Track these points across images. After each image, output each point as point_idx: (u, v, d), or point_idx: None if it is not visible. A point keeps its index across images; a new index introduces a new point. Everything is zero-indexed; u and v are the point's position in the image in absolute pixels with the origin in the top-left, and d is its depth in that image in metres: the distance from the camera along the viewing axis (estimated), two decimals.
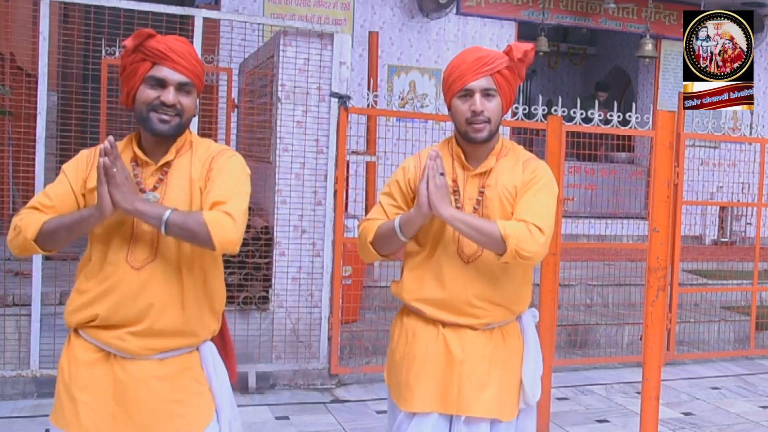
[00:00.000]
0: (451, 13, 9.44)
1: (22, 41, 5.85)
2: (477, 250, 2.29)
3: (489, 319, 2.34)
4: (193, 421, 2.16)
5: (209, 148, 2.20)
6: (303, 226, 4.94)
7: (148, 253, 2.08)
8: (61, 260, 5.02)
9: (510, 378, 2.38)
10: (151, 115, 2.07)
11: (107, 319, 2.08)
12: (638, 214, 8.16)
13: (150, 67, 2.07)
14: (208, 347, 2.23)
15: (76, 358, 2.14)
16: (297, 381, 5.04)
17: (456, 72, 2.28)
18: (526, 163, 2.35)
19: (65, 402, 2.13)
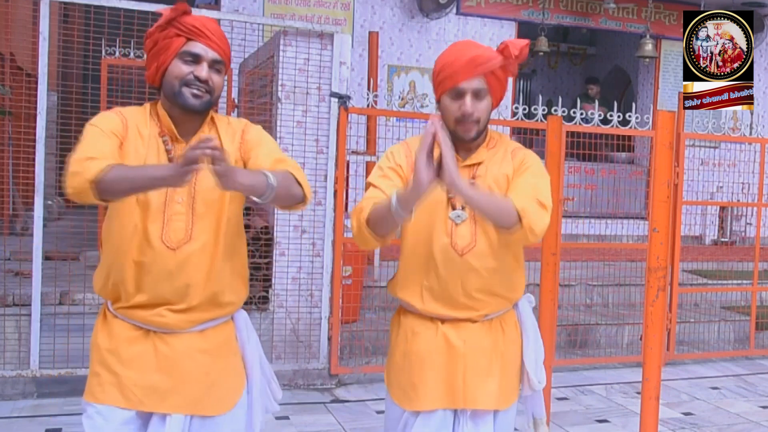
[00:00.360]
0: (451, 13, 9.44)
1: (22, 41, 5.85)
2: (470, 242, 2.28)
3: (487, 310, 2.34)
4: (230, 393, 2.22)
5: (230, 123, 2.24)
6: (303, 226, 4.94)
7: (183, 234, 2.10)
8: (61, 260, 5.03)
9: (510, 368, 2.39)
10: (184, 90, 2.08)
11: (144, 300, 2.10)
12: (638, 214, 8.16)
13: (184, 43, 2.09)
14: (242, 316, 2.31)
15: (115, 334, 2.15)
16: (297, 381, 5.04)
17: (448, 70, 2.23)
18: (514, 152, 2.35)
19: (106, 377, 2.12)
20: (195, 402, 2.15)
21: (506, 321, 2.40)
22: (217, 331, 2.21)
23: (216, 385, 2.19)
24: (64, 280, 4.76)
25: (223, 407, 2.19)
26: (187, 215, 2.10)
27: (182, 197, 2.10)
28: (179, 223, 2.10)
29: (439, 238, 2.28)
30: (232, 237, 2.19)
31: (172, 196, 2.10)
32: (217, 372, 2.19)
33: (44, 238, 4.51)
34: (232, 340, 2.27)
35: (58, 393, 4.55)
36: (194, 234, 2.11)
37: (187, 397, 2.14)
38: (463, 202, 2.27)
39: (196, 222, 2.11)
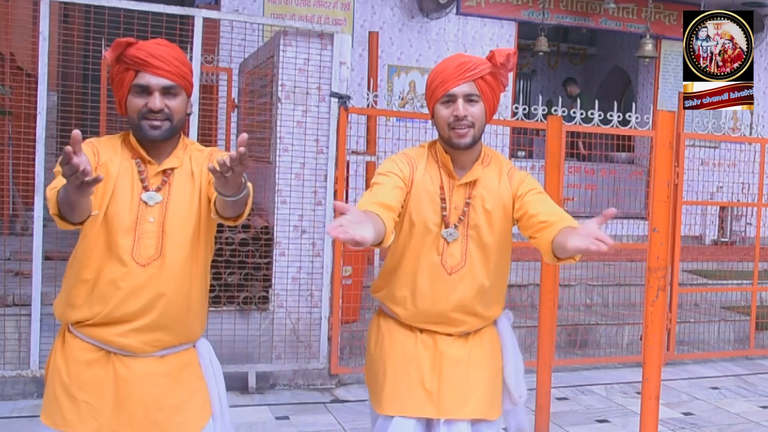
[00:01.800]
0: (451, 13, 9.44)
1: (22, 41, 5.85)
2: (460, 262, 2.28)
3: (466, 328, 2.35)
4: (194, 417, 2.19)
5: (200, 147, 2.27)
6: (303, 226, 4.94)
7: (153, 251, 2.11)
8: (61, 260, 5.02)
9: (490, 378, 2.37)
10: (143, 123, 2.09)
11: (109, 315, 2.09)
12: (638, 214, 8.16)
13: (134, 76, 2.09)
14: (203, 344, 2.29)
15: (75, 358, 2.14)
16: (297, 381, 5.04)
17: (438, 78, 2.27)
18: (511, 173, 2.35)
19: (64, 402, 2.12)
20: (156, 427, 2.13)
21: (483, 335, 2.40)
22: (176, 357, 2.20)
23: (179, 410, 2.17)
24: None
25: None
26: (157, 233, 2.12)
27: (153, 216, 2.12)
28: (150, 241, 2.11)
29: (429, 255, 2.29)
30: (201, 258, 2.20)
31: (144, 216, 2.11)
32: (180, 396, 2.17)
33: (44, 238, 4.52)
34: (195, 365, 2.25)
35: None
36: (164, 251, 2.12)
37: (148, 422, 2.12)
38: (455, 219, 2.28)
39: (165, 239, 2.12)
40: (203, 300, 2.25)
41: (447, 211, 2.29)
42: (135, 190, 2.12)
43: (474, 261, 2.29)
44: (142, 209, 2.11)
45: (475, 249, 2.29)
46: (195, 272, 2.18)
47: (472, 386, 2.32)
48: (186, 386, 2.19)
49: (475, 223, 2.29)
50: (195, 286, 2.19)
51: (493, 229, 2.30)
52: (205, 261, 2.24)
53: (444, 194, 2.30)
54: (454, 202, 2.30)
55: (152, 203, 2.12)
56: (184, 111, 2.16)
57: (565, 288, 6.47)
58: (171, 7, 4.71)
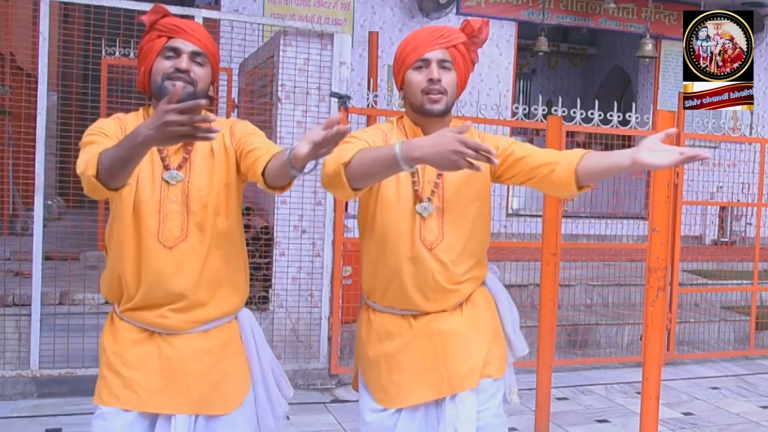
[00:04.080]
0: (451, 13, 9.44)
1: (22, 41, 5.85)
2: (438, 236, 2.23)
3: (458, 299, 2.31)
4: (235, 392, 2.23)
5: (221, 120, 2.23)
6: (303, 226, 4.94)
7: (179, 232, 2.10)
8: (61, 260, 5.03)
9: (490, 339, 2.34)
10: (166, 83, 2.09)
11: (145, 300, 2.11)
12: (638, 214, 8.16)
13: (165, 42, 2.13)
14: (245, 315, 2.31)
15: (120, 337, 2.17)
16: (297, 381, 5.04)
17: (411, 45, 2.24)
18: (482, 136, 2.31)
19: (111, 379, 2.14)
20: (199, 402, 2.16)
21: (475, 299, 2.36)
22: (220, 331, 2.22)
23: (221, 384, 2.19)
24: (64, 280, 4.76)
25: (228, 406, 2.20)
26: (182, 213, 2.11)
27: (176, 196, 2.11)
28: (174, 222, 2.10)
29: (406, 233, 2.23)
30: (229, 233, 2.19)
31: (167, 195, 2.10)
32: (222, 372, 2.20)
33: (44, 238, 4.51)
34: (236, 340, 2.27)
35: (58, 393, 4.55)
36: (190, 231, 2.11)
37: (191, 398, 2.15)
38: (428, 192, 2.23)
39: (191, 220, 2.11)
40: (239, 272, 2.24)
41: (419, 185, 2.24)
42: (156, 170, 2.11)
43: (452, 232, 2.24)
44: (164, 189, 2.10)
45: (451, 220, 2.24)
46: (225, 248, 2.17)
47: (474, 353, 2.29)
48: (229, 362, 2.22)
49: (449, 195, 2.24)
50: (226, 261, 2.18)
51: (469, 196, 2.26)
52: (237, 234, 2.22)
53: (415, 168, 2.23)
54: (427, 175, 2.25)
55: (174, 182, 2.11)
56: (208, 83, 2.17)
57: (565, 288, 6.47)
58: (171, 7, 4.66)
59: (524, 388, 5.09)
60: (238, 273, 2.25)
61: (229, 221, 2.18)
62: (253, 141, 2.13)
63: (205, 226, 2.13)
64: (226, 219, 2.17)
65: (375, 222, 2.26)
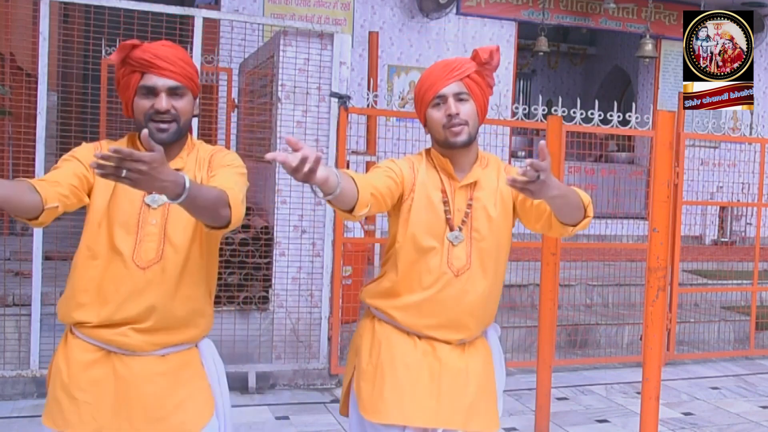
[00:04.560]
0: (451, 13, 9.44)
1: (22, 41, 5.85)
2: (465, 264, 2.26)
3: (465, 335, 2.32)
4: (195, 416, 2.18)
5: (206, 148, 2.25)
6: (303, 226, 4.94)
7: (154, 254, 2.10)
8: (61, 260, 5.02)
9: (488, 389, 2.36)
10: (150, 125, 2.08)
11: (109, 318, 2.09)
12: (638, 214, 8.17)
13: (140, 78, 2.09)
14: (206, 344, 2.28)
15: (75, 359, 2.14)
16: (297, 381, 5.04)
17: (426, 83, 2.29)
18: (507, 170, 2.36)
19: (65, 403, 2.12)
20: (156, 426, 2.12)
21: (477, 346, 2.38)
22: (178, 356, 2.19)
23: (179, 408, 2.15)
24: (64, 280, 4.74)
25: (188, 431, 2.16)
26: (159, 236, 2.10)
27: (156, 219, 2.11)
28: (151, 244, 2.10)
29: (435, 258, 2.26)
30: (203, 261, 2.18)
31: (146, 218, 2.10)
32: (180, 396, 2.16)
33: (44, 238, 4.52)
34: (195, 365, 2.23)
35: None
36: (165, 254, 2.10)
37: (148, 421, 2.12)
38: (459, 222, 2.27)
39: (167, 242, 2.11)
40: (206, 302, 2.23)
41: (451, 214, 2.28)
42: (138, 192, 2.10)
43: (478, 262, 2.28)
44: (144, 212, 2.10)
45: (478, 251, 2.28)
46: (197, 275, 2.16)
47: (475, 398, 2.29)
48: (187, 385, 2.19)
49: (477, 225, 2.28)
50: (197, 289, 2.17)
51: (494, 229, 2.29)
52: (209, 264, 2.22)
53: (446, 197, 2.29)
54: (457, 204, 2.29)
55: (155, 206, 2.11)
56: (191, 112, 2.16)
57: (565, 288, 6.47)
58: (171, 7, 4.71)
59: (524, 388, 5.11)
60: (206, 301, 2.23)
61: (203, 249, 2.17)
62: (216, 177, 2.12)
63: (180, 250, 2.11)
64: (200, 247, 2.16)
65: (405, 243, 2.28)
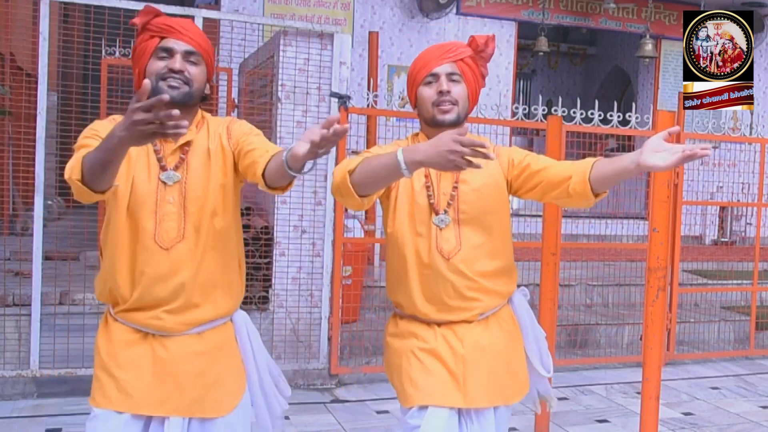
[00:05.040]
0: (451, 13, 9.44)
1: (22, 41, 5.85)
2: (456, 246, 2.28)
3: (480, 309, 2.33)
4: (230, 394, 2.21)
5: (218, 120, 2.25)
6: (303, 226, 4.94)
7: (176, 233, 2.10)
8: (61, 260, 5.03)
9: (513, 363, 2.39)
10: (161, 84, 2.09)
11: (139, 301, 2.11)
12: (638, 214, 8.16)
13: (158, 43, 2.12)
14: (240, 316, 2.30)
15: (114, 339, 2.16)
16: (297, 381, 5.04)
17: (420, 62, 2.32)
18: (497, 149, 2.36)
19: (105, 381, 2.13)
20: (192, 405, 2.15)
21: (502, 317, 2.41)
22: (215, 333, 2.21)
23: (214, 387, 2.18)
24: (64, 280, 4.76)
25: (222, 410, 2.19)
26: (179, 215, 2.10)
27: (173, 197, 2.10)
28: (171, 223, 2.10)
29: (423, 244, 2.29)
30: (226, 235, 2.18)
31: (164, 197, 2.10)
32: (215, 374, 2.19)
33: (44, 238, 4.51)
34: (231, 342, 2.26)
35: (58, 393, 4.55)
36: (186, 233, 2.10)
37: (184, 400, 2.14)
38: (444, 205, 2.28)
39: (188, 221, 2.11)
40: (234, 274, 2.24)
41: (434, 198, 2.29)
42: (152, 171, 2.10)
43: (470, 242, 2.29)
44: (161, 190, 2.10)
45: (468, 230, 2.29)
46: (222, 249, 2.16)
47: (499, 374, 2.33)
48: (223, 364, 2.21)
49: (465, 206, 2.29)
50: (223, 263, 2.17)
51: (485, 207, 2.30)
52: (235, 236, 2.22)
53: (429, 182, 2.30)
54: (442, 187, 2.30)
55: (171, 183, 2.10)
56: (204, 82, 2.16)
57: (565, 288, 6.47)
58: (171, 7, 4.69)
59: None
60: (233, 275, 2.24)
61: (225, 222, 2.17)
62: (251, 141, 2.13)
63: (201, 227, 2.12)
64: (222, 220, 2.16)
65: (393, 233, 2.32)
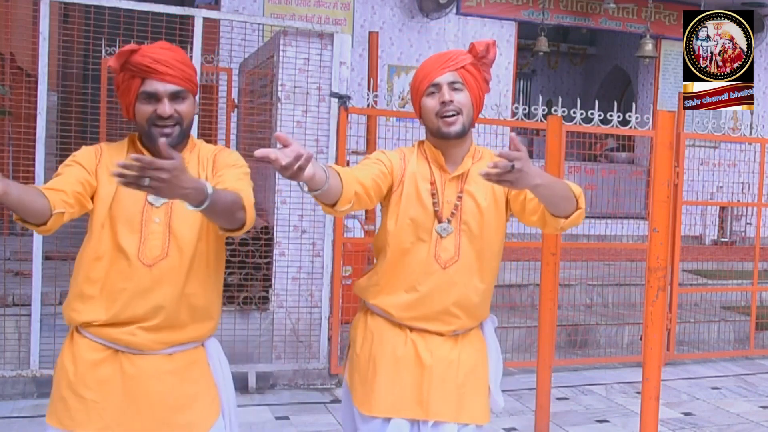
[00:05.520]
0: (451, 13, 9.44)
1: (22, 41, 5.85)
2: (454, 256, 2.26)
3: (457, 326, 2.32)
4: (202, 415, 2.18)
5: (209, 147, 2.25)
6: (303, 226, 4.94)
7: (160, 251, 2.09)
8: (61, 260, 5.02)
9: (478, 384, 2.36)
10: (153, 130, 2.08)
11: (116, 316, 2.09)
12: (638, 214, 8.17)
13: (141, 83, 2.07)
14: (212, 343, 2.28)
15: (82, 357, 2.13)
16: (297, 381, 5.04)
17: (422, 73, 2.30)
18: None
19: (71, 401, 2.11)
20: (163, 425, 2.12)
21: (471, 338, 2.38)
22: (185, 355, 2.19)
23: (186, 409, 2.15)
24: (64, 280, 4.74)
25: (196, 431, 2.16)
26: (164, 234, 2.10)
27: (159, 217, 2.10)
28: (156, 242, 2.09)
29: (422, 250, 2.27)
30: (209, 260, 2.18)
31: (150, 217, 2.10)
32: (187, 395, 2.16)
33: (44, 238, 4.52)
34: (202, 364, 2.23)
35: None
36: (170, 251, 2.10)
37: (155, 420, 2.11)
38: (448, 214, 2.27)
39: (172, 241, 2.10)
40: (214, 300, 2.23)
41: (439, 206, 2.28)
42: (141, 192, 2.10)
43: (467, 255, 2.28)
44: (147, 210, 2.10)
45: (467, 243, 2.28)
46: (203, 273, 2.16)
47: (465, 390, 2.30)
48: (194, 384, 2.19)
49: (467, 218, 2.28)
50: (204, 286, 2.17)
51: (485, 222, 2.29)
52: (216, 261, 2.21)
53: (435, 189, 2.29)
54: (447, 196, 2.29)
55: (158, 204, 2.11)
56: (193, 113, 2.16)
57: (565, 288, 6.47)
58: (171, 7, 4.71)
59: (524, 388, 5.11)
60: (213, 299, 2.23)
61: (209, 247, 2.16)
62: (225, 177, 2.12)
63: (185, 248, 2.11)
64: (206, 245, 2.15)
65: (394, 234, 2.29)
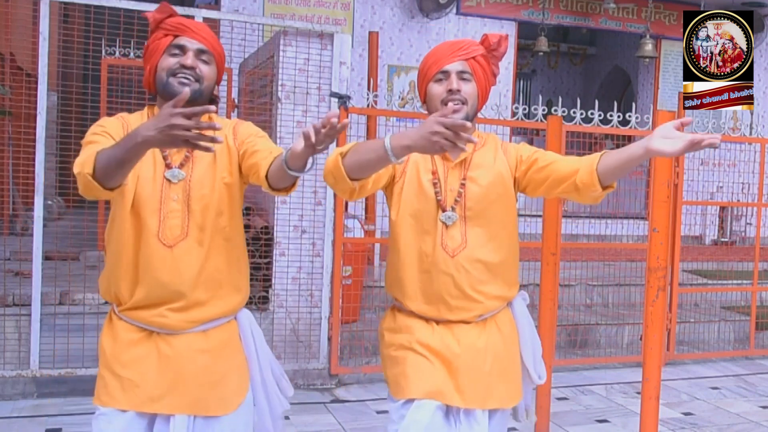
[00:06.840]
0: (451, 13, 9.44)
1: (22, 41, 5.85)
2: (461, 243, 2.26)
3: (480, 310, 2.32)
4: (234, 392, 2.22)
5: (225, 120, 2.26)
6: (303, 226, 4.94)
7: (180, 231, 2.10)
8: (61, 260, 5.03)
9: (507, 366, 2.37)
10: (171, 79, 2.10)
11: (144, 299, 2.11)
12: (638, 214, 8.16)
13: (171, 41, 2.14)
14: (245, 315, 2.31)
15: (119, 337, 2.16)
16: (297, 381, 5.03)
17: (431, 59, 2.30)
18: (505, 147, 2.35)
19: (109, 380, 2.14)
20: (197, 402, 2.15)
21: (501, 320, 2.39)
22: (219, 331, 2.21)
23: (219, 385, 2.19)
24: (64, 280, 4.76)
25: (227, 407, 2.20)
26: (183, 212, 2.11)
27: (177, 195, 2.11)
28: (175, 221, 2.10)
29: (429, 240, 2.27)
30: (230, 234, 2.19)
31: (168, 194, 2.10)
32: (220, 372, 2.19)
33: (44, 238, 4.51)
34: (235, 340, 2.26)
35: (58, 393, 4.55)
36: (190, 231, 2.11)
37: (189, 398, 2.14)
38: (452, 202, 2.27)
39: (191, 219, 2.11)
40: (240, 273, 2.24)
41: (442, 195, 2.28)
42: (158, 168, 2.11)
43: (475, 239, 2.27)
44: (165, 188, 2.10)
45: (475, 229, 2.28)
46: (224, 248, 2.17)
47: (493, 377, 2.31)
48: (227, 361, 2.21)
49: (472, 204, 2.28)
50: (227, 261, 2.18)
51: (492, 205, 2.29)
52: (237, 235, 2.22)
53: (437, 178, 2.29)
54: (449, 184, 2.29)
55: (176, 181, 2.11)
56: (214, 82, 2.18)
57: (565, 288, 6.47)
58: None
59: None
60: (238, 273, 2.24)
61: (230, 221, 2.18)
62: (256, 142, 2.14)
63: (205, 225, 2.12)
64: (227, 219, 2.16)
65: (398, 228, 2.30)
